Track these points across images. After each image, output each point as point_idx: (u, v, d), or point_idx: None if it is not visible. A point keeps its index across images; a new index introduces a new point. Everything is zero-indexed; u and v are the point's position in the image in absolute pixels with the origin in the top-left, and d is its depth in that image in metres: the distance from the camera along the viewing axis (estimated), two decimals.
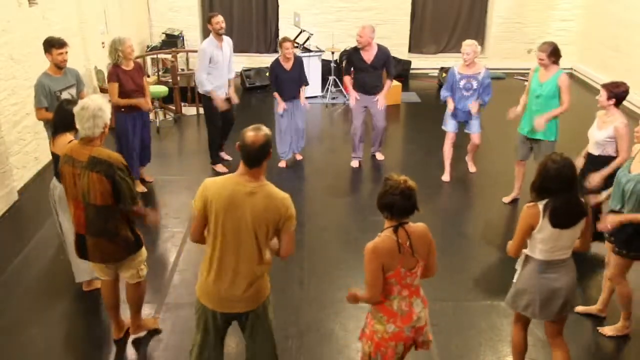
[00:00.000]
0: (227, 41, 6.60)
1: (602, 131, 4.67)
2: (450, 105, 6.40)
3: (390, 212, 2.82)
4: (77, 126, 3.49)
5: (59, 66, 5.18)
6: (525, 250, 3.35)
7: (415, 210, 2.83)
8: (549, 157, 3.19)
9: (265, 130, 2.94)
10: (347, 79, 6.89)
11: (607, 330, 4.17)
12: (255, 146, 2.86)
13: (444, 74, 10.63)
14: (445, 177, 6.74)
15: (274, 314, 3.29)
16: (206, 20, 6.60)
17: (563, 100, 5.46)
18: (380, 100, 6.74)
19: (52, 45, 5.11)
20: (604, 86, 4.64)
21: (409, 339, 2.97)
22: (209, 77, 6.43)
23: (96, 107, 3.45)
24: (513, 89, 10.51)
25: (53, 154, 4.26)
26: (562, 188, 3.12)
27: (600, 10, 10.56)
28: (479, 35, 11.48)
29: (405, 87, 10.54)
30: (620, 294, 4.03)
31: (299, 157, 7.29)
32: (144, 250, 3.86)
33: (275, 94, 6.73)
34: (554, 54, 5.38)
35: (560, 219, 3.13)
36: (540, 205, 3.16)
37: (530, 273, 3.32)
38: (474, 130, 6.54)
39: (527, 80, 10.86)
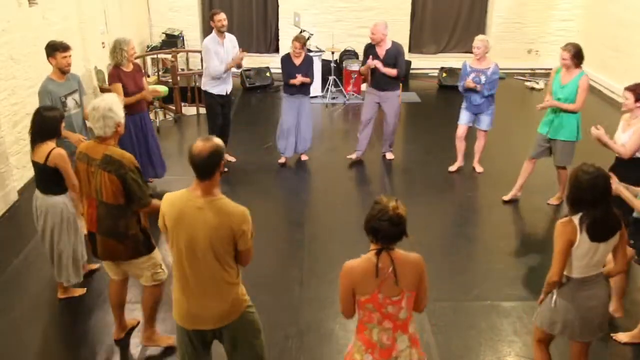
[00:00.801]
0: (230, 38, 6.71)
1: (627, 133, 4.62)
2: (471, 84, 6.41)
3: (375, 237, 2.65)
4: (89, 125, 3.49)
5: (64, 70, 5.05)
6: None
7: (404, 236, 2.65)
8: (579, 169, 3.05)
9: (215, 140, 2.79)
10: (362, 68, 7.04)
11: (622, 336, 4.06)
12: (202, 156, 2.72)
13: (444, 74, 10.65)
14: (452, 167, 6.87)
15: (262, 323, 3.18)
16: (208, 17, 6.69)
17: (578, 99, 5.48)
18: (378, 64, 6.68)
19: (56, 49, 4.98)
20: (629, 89, 4.53)
21: None
22: (210, 72, 6.58)
23: (106, 107, 3.45)
24: (513, 89, 10.54)
25: (35, 163, 4.14)
26: (598, 199, 2.99)
27: (600, 10, 10.56)
28: (479, 35, 11.45)
29: (406, 87, 10.54)
30: (616, 279, 3.99)
31: (304, 157, 7.32)
32: (157, 252, 3.81)
33: (292, 80, 6.79)
34: (577, 56, 5.42)
35: (599, 232, 3.02)
36: (576, 219, 3.03)
37: (566, 292, 3.16)
38: (482, 127, 6.63)
39: (528, 81, 11.05)
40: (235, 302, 2.97)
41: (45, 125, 4.13)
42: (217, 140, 2.81)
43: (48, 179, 4.14)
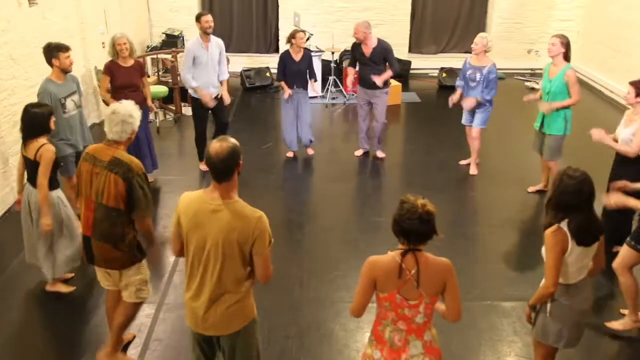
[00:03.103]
0: (216, 42, 6.50)
1: (628, 128, 4.64)
2: (455, 96, 6.61)
3: (407, 238, 2.58)
4: (105, 128, 3.45)
5: (66, 70, 5.12)
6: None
7: (434, 235, 2.60)
8: (564, 173, 3.00)
9: (231, 141, 2.72)
10: (350, 69, 7.19)
11: (616, 324, 4.14)
12: (219, 158, 2.65)
13: (444, 74, 10.65)
14: (472, 170, 6.87)
15: (260, 337, 3.13)
16: (195, 18, 6.47)
17: (572, 93, 5.59)
18: (376, 79, 6.75)
19: (60, 50, 5.04)
20: (632, 84, 4.60)
21: None
22: (194, 76, 6.43)
23: (126, 113, 3.43)
24: (513, 89, 10.52)
25: (26, 158, 4.20)
26: (582, 204, 2.96)
27: (600, 10, 10.56)
28: None
29: (405, 87, 10.55)
30: (625, 288, 4.03)
31: (310, 151, 7.39)
32: (147, 269, 3.73)
33: (282, 83, 6.93)
34: (565, 45, 5.55)
35: (585, 236, 2.99)
36: (564, 226, 2.98)
37: (560, 300, 3.11)
38: (475, 124, 6.62)
39: (528, 81, 11.06)
40: (240, 313, 2.88)
41: (34, 121, 4.15)
42: (235, 141, 2.74)
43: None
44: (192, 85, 6.41)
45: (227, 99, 6.69)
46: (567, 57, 5.60)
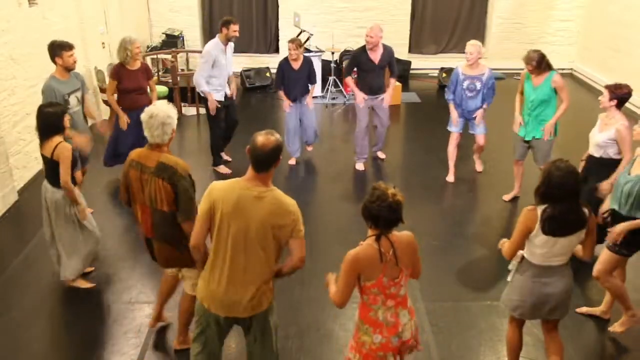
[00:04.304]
0: (230, 45, 6.63)
1: (603, 133, 4.64)
2: (454, 114, 6.39)
3: (375, 223, 2.78)
4: (146, 134, 3.41)
5: (70, 68, 5.20)
6: (521, 252, 3.34)
7: (400, 222, 2.78)
8: (553, 164, 3.15)
9: (276, 136, 2.90)
10: (350, 80, 6.89)
11: (617, 327, 4.14)
12: (265, 150, 2.84)
13: (444, 74, 10.65)
14: (450, 177, 6.72)
15: (277, 315, 3.26)
16: (222, 22, 6.39)
17: (563, 99, 5.53)
18: (386, 98, 6.76)
19: (63, 48, 5.12)
20: (607, 87, 4.63)
21: (396, 348, 2.92)
22: (211, 79, 6.45)
23: (165, 114, 3.40)
24: (513, 89, 10.39)
25: (43, 156, 4.28)
26: (565, 196, 3.09)
27: (600, 10, 10.56)
28: (479, 35, 11.47)
29: (406, 88, 10.55)
30: (613, 291, 4.05)
31: (309, 148, 7.39)
32: None
33: (280, 93, 6.86)
34: (540, 63, 5.46)
35: (554, 228, 3.11)
36: (539, 209, 3.15)
37: (524, 276, 3.33)
38: (479, 132, 6.51)
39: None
40: (267, 294, 3.05)
41: (47, 121, 4.21)
42: (278, 136, 2.91)
43: (57, 172, 4.21)
44: (205, 89, 6.43)
45: (234, 90, 6.85)
46: (547, 68, 5.49)
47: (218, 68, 6.45)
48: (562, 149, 5.96)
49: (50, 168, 4.26)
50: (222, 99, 6.62)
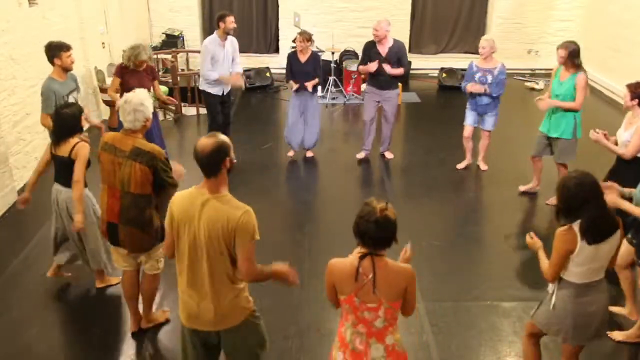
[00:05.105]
0: (231, 40, 6.66)
1: (628, 131, 4.65)
2: (475, 87, 6.44)
3: (362, 240, 2.58)
4: (120, 118, 3.60)
5: (68, 69, 5.22)
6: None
7: (394, 242, 2.57)
8: (563, 179, 3.06)
9: (219, 137, 2.78)
10: (362, 67, 6.92)
11: (617, 335, 4.05)
12: (205, 153, 2.72)
13: (444, 74, 10.65)
14: (460, 164, 6.92)
15: (265, 330, 3.12)
16: (216, 18, 6.53)
17: (576, 97, 5.56)
18: (387, 67, 6.69)
19: (61, 49, 5.12)
20: (627, 86, 4.62)
21: None
22: (202, 73, 6.60)
23: (138, 101, 3.55)
24: (513, 89, 10.51)
25: (55, 157, 4.21)
26: (588, 198, 2.97)
27: (600, 10, 10.56)
28: (479, 35, 11.39)
29: (406, 88, 10.54)
30: (625, 280, 4.06)
31: (309, 154, 7.37)
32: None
33: (291, 82, 6.94)
34: (572, 55, 5.51)
35: (595, 234, 2.99)
36: (576, 227, 3.00)
37: (565, 297, 3.14)
38: (486, 127, 6.67)
39: (528, 81, 11.06)
40: (236, 307, 2.90)
41: (65, 123, 4.20)
42: (222, 137, 2.80)
43: (72, 172, 4.16)
44: (214, 77, 6.55)
45: (241, 83, 6.96)
46: (574, 65, 5.53)
47: (215, 64, 6.52)
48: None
49: (66, 169, 4.17)
50: (219, 93, 6.70)
